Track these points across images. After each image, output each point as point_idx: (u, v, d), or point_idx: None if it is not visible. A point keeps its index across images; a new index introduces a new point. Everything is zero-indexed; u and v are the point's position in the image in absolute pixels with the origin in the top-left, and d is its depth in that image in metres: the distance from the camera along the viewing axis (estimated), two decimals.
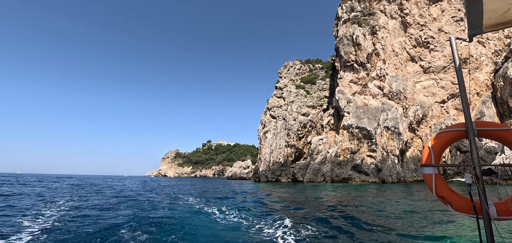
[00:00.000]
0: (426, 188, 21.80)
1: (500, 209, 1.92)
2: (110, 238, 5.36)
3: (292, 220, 7.39)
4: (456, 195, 2.10)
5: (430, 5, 48.42)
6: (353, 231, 6.02)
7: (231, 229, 6.59)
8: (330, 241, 5.34)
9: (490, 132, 2.09)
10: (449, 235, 5.74)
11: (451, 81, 44.08)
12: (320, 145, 37.51)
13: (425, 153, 2.23)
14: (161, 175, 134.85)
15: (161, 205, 11.23)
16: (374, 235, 5.69)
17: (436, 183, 2.11)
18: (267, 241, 5.33)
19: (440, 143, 2.18)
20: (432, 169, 2.15)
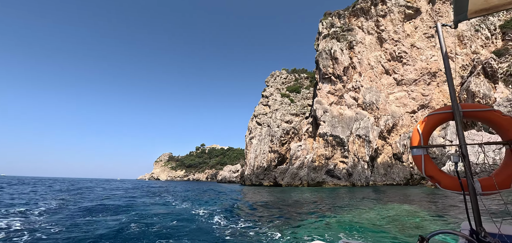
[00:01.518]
0: (390, 191, 24.88)
1: (485, 185, 2.01)
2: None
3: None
4: (443, 174, 2.19)
5: (404, 22, 52.49)
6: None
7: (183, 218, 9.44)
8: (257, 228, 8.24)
9: (474, 113, 2.20)
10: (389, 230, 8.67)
11: (421, 93, 47.90)
12: (298, 151, 40.61)
13: (415, 135, 2.29)
14: (154, 178, 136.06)
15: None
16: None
17: (425, 163, 2.19)
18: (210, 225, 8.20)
19: (428, 126, 2.26)
20: (421, 151, 2.22)
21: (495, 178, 2.02)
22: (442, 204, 11.60)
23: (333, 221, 8.04)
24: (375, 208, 11.00)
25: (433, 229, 6.15)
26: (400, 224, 7.37)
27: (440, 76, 48.71)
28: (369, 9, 53.07)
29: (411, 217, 8.45)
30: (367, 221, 7.81)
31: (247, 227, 7.23)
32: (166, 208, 11.89)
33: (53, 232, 6.39)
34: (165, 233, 6.24)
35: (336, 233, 6.20)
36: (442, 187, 2.16)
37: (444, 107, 2.26)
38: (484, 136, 29.40)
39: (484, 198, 2.16)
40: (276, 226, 7.18)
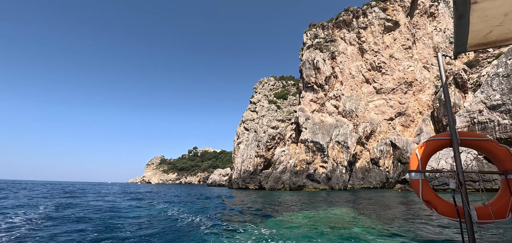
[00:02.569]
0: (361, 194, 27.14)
1: (481, 213, 2.04)
2: None
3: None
4: (440, 200, 2.21)
5: (384, 34, 55.70)
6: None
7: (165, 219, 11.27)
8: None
9: (471, 142, 2.25)
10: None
11: (398, 101, 50.98)
12: (282, 156, 42.76)
13: (413, 160, 2.31)
14: (145, 182, 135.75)
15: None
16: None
17: (423, 188, 2.23)
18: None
19: (427, 151, 2.29)
20: (419, 175, 2.25)
21: (491, 207, 2.04)
22: (393, 213, 13.80)
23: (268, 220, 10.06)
24: (319, 210, 13.10)
25: (359, 231, 8.18)
26: (329, 225, 9.45)
27: (416, 86, 51.97)
28: (351, 21, 56.09)
29: (342, 221, 10.57)
30: (298, 223, 9.87)
31: (214, 226, 9.15)
32: (142, 214, 13.63)
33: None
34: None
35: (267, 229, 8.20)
36: (438, 213, 2.17)
37: (443, 134, 2.31)
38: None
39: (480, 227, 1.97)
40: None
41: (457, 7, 1.60)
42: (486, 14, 1.63)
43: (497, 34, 1.85)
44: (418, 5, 60.09)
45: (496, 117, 28.58)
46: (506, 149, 2.13)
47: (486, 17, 1.66)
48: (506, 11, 1.61)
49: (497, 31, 1.81)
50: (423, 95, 51.50)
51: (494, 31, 1.82)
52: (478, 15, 1.64)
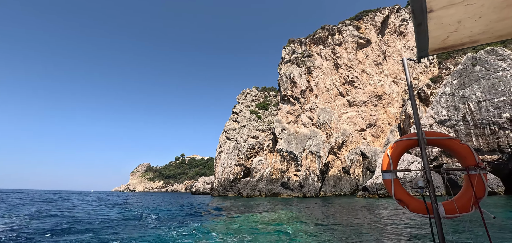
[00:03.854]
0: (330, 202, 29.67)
1: (448, 209, 2.19)
2: None
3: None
4: (411, 198, 2.34)
5: (357, 51, 60.08)
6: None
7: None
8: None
9: (437, 141, 2.41)
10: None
11: (369, 113, 54.91)
12: (259, 165, 45.08)
13: (385, 160, 2.44)
14: (129, 190, 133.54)
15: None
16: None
17: (395, 187, 2.35)
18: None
19: (396, 151, 2.45)
20: (391, 175, 2.37)
21: (456, 202, 2.20)
22: (333, 218, 16.27)
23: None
24: (267, 212, 15.42)
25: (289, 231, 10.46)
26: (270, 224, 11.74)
27: (385, 99, 56.25)
28: (326, 38, 60.19)
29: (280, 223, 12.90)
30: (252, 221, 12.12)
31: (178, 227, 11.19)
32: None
33: None
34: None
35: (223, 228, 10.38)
36: (410, 210, 2.30)
37: (410, 134, 2.44)
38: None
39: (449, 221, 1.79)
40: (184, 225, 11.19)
41: (415, 15, 1.71)
42: (441, 21, 1.76)
43: (453, 39, 1.99)
44: (388, 25, 65.30)
45: (443, 131, 32.30)
46: (468, 147, 2.28)
47: (442, 24, 1.79)
48: (459, 19, 1.74)
49: (453, 36, 1.94)
50: (391, 107, 55.76)
51: (450, 37, 1.95)
52: (435, 22, 1.76)
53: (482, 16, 1.73)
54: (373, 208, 17.77)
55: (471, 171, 2.20)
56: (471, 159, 2.24)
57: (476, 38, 2.01)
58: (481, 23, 1.81)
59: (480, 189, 2.16)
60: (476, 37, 1.99)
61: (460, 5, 1.61)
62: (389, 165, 2.38)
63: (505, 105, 28.21)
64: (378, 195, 30.33)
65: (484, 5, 1.63)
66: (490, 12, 1.70)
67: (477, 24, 1.82)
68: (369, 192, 31.44)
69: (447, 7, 1.62)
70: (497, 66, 31.04)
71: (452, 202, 2.23)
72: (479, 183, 2.17)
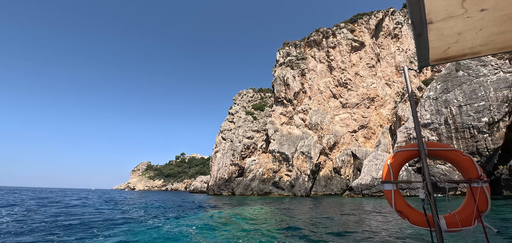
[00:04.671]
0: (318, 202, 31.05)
1: (449, 222, 2.15)
2: None
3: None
4: (412, 210, 2.30)
5: (351, 53, 61.24)
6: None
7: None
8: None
9: (438, 152, 2.36)
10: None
11: (361, 115, 56.14)
12: (252, 165, 46.56)
13: (385, 170, 2.41)
14: (130, 188, 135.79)
15: None
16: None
17: (395, 198, 2.32)
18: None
19: (397, 162, 2.41)
20: (391, 186, 2.34)
21: (458, 215, 2.16)
22: (310, 216, 17.69)
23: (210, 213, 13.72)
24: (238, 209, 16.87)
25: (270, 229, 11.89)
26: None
27: (377, 101, 57.40)
28: (321, 41, 61.40)
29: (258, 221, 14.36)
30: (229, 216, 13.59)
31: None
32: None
33: None
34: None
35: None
36: (411, 222, 2.26)
37: (411, 145, 2.43)
38: (384, 156, 36.88)
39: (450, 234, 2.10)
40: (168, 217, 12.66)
41: (415, 27, 1.71)
42: (442, 33, 1.76)
43: (454, 50, 1.97)
44: (383, 28, 66.32)
45: (426, 134, 33.53)
46: (469, 159, 2.26)
47: (442, 35, 1.78)
48: (460, 31, 1.74)
49: (454, 47, 1.93)
50: (383, 109, 56.92)
51: (451, 48, 1.94)
52: (435, 34, 1.76)
53: (483, 29, 1.73)
54: (346, 204, 19.16)
55: (473, 184, 2.17)
56: (474, 172, 2.21)
57: (478, 50, 2.00)
58: (482, 35, 1.81)
59: (482, 203, 2.12)
60: (478, 48, 1.98)
61: (459, 18, 1.61)
62: (389, 175, 2.37)
63: (484, 109, 29.39)
64: (363, 195, 31.68)
65: (484, 18, 1.62)
66: (491, 25, 1.69)
67: (477, 36, 1.81)
68: (354, 192, 32.81)
69: (446, 20, 1.61)
70: (478, 72, 32.19)
71: (453, 215, 2.19)
72: (482, 196, 2.12)
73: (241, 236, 8.18)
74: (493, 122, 28.38)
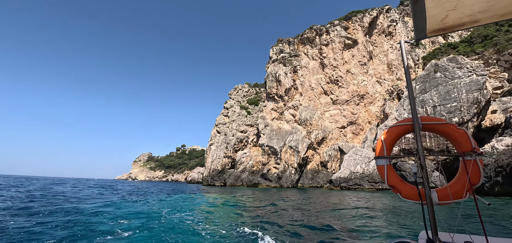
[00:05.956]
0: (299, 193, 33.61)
1: (441, 195, 2.17)
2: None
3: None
4: (404, 184, 2.31)
5: (343, 51, 62.67)
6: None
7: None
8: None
9: (432, 126, 2.37)
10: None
11: (351, 111, 58.04)
12: (243, 158, 49.16)
13: (379, 146, 2.41)
14: (131, 178, 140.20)
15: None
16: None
17: (388, 174, 2.32)
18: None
19: (391, 137, 2.40)
20: (384, 161, 2.34)
21: (450, 189, 2.17)
22: (277, 204, 20.15)
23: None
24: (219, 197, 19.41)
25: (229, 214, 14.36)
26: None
27: (367, 98, 59.14)
28: (314, 38, 62.84)
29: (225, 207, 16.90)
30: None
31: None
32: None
33: None
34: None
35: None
36: (403, 196, 2.28)
37: (405, 119, 2.41)
38: (363, 151, 39.05)
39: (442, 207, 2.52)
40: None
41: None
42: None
43: (453, 18, 1.87)
44: (377, 25, 67.34)
45: None
46: (464, 132, 2.27)
47: (440, 1, 1.67)
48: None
49: (453, 15, 1.83)
50: (373, 106, 58.73)
51: (449, 16, 1.84)
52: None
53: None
54: (318, 195, 21.61)
55: (466, 157, 2.19)
56: (467, 145, 2.22)
57: (477, 17, 1.88)
58: (482, 0, 1.70)
59: (475, 175, 2.14)
60: (477, 16, 1.86)
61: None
62: (383, 150, 2.38)
63: (456, 110, 31.27)
64: (341, 188, 34.11)
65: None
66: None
67: (477, 1, 1.70)
68: (333, 185, 35.25)
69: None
70: (454, 74, 33.89)
71: (445, 189, 2.21)
72: (475, 169, 2.13)
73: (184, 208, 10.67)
74: (463, 122, 30.30)
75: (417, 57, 65.34)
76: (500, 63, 43.22)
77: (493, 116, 30.91)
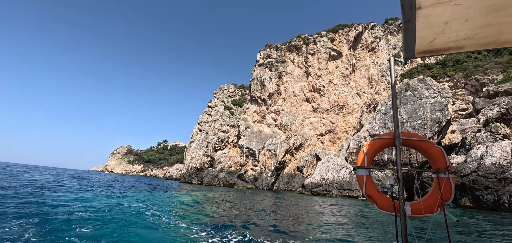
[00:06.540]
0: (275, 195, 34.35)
1: (414, 209, 2.25)
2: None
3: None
4: (381, 195, 2.41)
5: (328, 62, 64.97)
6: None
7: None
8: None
9: (411, 142, 2.48)
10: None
11: (330, 120, 60.24)
12: (222, 158, 49.47)
13: (360, 157, 2.51)
14: (107, 171, 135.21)
15: None
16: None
17: (366, 184, 2.41)
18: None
19: (373, 149, 2.52)
20: (364, 171, 2.44)
21: (423, 203, 2.28)
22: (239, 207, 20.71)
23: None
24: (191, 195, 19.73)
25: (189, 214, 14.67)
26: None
27: (346, 109, 61.70)
28: (301, 46, 64.62)
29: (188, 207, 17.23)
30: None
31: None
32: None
33: None
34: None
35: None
36: (378, 207, 2.39)
37: (388, 133, 2.54)
38: (335, 160, 40.87)
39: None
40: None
41: (405, 11, 1.72)
42: (429, 20, 1.77)
43: (440, 42, 1.99)
44: (361, 40, 70.40)
45: None
46: (440, 150, 2.39)
47: (429, 23, 1.80)
48: (446, 20, 1.76)
49: (440, 39, 1.96)
50: (351, 117, 61.32)
51: (437, 39, 1.96)
52: (423, 21, 1.78)
53: (468, 19, 1.76)
54: (287, 198, 22.50)
55: (440, 174, 2.29)
56: (442, 162, 2.32)
57: (462, 44, 2.02)
58: (467, 28, 1.84)
59: (447, 192, 2.25)
60: (462, 42, 2.00)
61: (447, 4, 1.62)
62: (364, 161, 2.47)
63: (420, 127, 33.70)
64: (311, 193, 35.45)
65: (470, 7, 1.65)
66: (476, 16, 1.72)
67: (463, 27, 1.84)
68: (305, 189, 36.56)
69: (435, 5, 1.63)
70: (422, 94, 36.50)
71: (419, 203, 2.30)
72: (447, 186, 2.24)
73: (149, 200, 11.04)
74: None
75: (396, 74, 69.13)
76: (467, 87, 46.98)
77: (452, 135, 33.66)
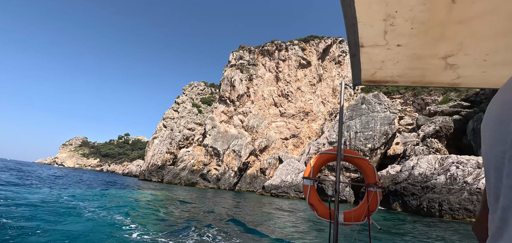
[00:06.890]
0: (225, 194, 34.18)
1: (346, 217, 2.59)
2: None
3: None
4: (321, 204, 2.68)
5: (297, 69, 67.77)
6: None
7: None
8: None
9: (351, 158, 2.80)
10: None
11: (295, 125, 62.93)
12: (185, 156, 48.12)
13: (307, 169, 2.78)
14: (57, 164, 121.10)
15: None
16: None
17: (310, 193, 2.67)
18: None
19: (319, 162, 2.81)
20: (309, 182, 2.71)
21: (353, 212, 2.62)
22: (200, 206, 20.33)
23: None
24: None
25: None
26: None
27: (311, 116, 65.14)
28: (274, 52, 66.31)
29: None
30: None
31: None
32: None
33: None
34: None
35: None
36: (318, 215, 2.67)
37: (332, 149, 2.81)
38: (295, 163, 42.90)
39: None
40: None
41: (351, 47, 1.95)
42: (370, 57, 2.01)
43: (379, 75, 2.28)
44: (329, 52, 74.84)
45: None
46: (372, 168, 2.74)
47: (370, 60, 2.05)
48: (383, 59, 2.02)
49: (379, 73, 2.25)
50: (314, 124, 64.83)
51: (377, 73, 2.23)
52: (365, 57, 2.02)
53: (399, 62, 2.01)
54: (249, 199, 22.81)
55: (369, 188, 2.58)
56: (373, 178, 2.60)
57: (396, 79, 2.29)
58: (399, 68, 2.09)
59: (373, 204, 2.53)
60: (396, 78, 2.27)
61: (382, 47, 1.86)
62: (310, 173, 2.73)
63: (370, 138, 37.24)
64: (271, 194, 36.58)
65: (400, 53, 1.89)
66: (405, 60, 1.97)
67: (396, 67, 2.09)
68: (265, 191, 37.57)
69: (373, 46, 1.87)
70: (374, 108, 40.39)
71: (350, 212, 2.59)
72: (374, 199, 2.52)
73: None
74: (374, 149, 36.26)
75: (357, 87, 74.88)
76: (414, 105, 53.20)
77: (396, 147, 37.85)
